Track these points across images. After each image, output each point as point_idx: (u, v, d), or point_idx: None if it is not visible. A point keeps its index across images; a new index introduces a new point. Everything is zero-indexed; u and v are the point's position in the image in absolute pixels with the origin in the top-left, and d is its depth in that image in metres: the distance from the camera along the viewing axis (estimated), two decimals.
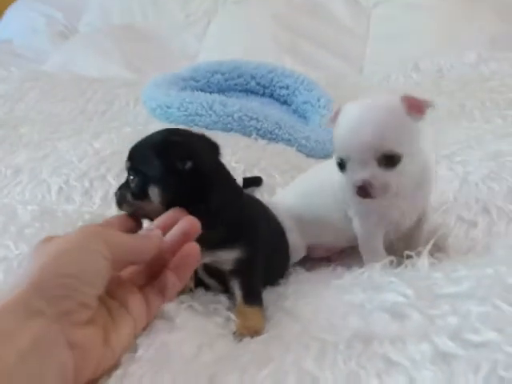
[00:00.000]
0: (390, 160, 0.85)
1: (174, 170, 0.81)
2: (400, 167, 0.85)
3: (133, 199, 0.85)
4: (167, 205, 0.82)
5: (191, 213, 0.80)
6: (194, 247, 0.75)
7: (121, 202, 0.87)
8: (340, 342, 0.64)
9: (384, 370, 0.59)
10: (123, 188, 0.87)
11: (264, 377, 0.62)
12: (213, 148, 0.89)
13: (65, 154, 1.37)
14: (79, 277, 0.63)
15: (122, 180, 1.21)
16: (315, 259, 1.08)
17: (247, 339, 0.76)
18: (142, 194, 0.83)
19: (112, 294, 0.71)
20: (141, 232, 0.80)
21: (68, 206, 1.18)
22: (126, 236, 0.74)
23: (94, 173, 1.27)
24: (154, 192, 0.82)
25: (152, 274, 0.77)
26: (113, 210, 1.16)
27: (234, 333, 0.79)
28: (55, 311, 0.60)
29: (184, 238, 0.76)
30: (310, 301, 0.81)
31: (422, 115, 0.87)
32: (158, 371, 0.65)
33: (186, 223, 0.77)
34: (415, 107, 0.86)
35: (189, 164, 0.80)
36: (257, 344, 0.72)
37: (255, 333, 0.78)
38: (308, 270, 1.05)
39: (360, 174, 0.87)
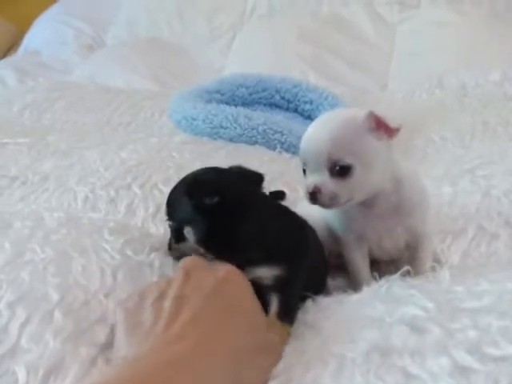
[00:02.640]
0: (341, 170, 0.86)
1: (202, 208, 0.83)
2: (353, 179, 0.86)
3: (174, 243, 0.91)
4: (203, 243, 0.85)
5: (226, 242, 0.84)
6: None
7: (168, 247, 0.94)
8: (358, 355, 0.65)
9: (403, 383, 0.59)
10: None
11: None
12: (249, 179, 0.92)
13: (91, 163, 1.39)
14: None
15: (148, 190, 1.24)
16: (333, 267, 1.08)
17: None
18: (179, 236, 0.89)
19: None
20: None
21: (94, 214, 1.19)
22: None
23: (120, 182, 1.28)
24: (188, 232, 0.86)
25: None
26: (138, 219, 1.18)
27: None
28: None
29: None
30: (329, 314, 0.81)
31: (388, 137, 0.88)
32: None
33: None
34: (381, 127, 0.87)
35: (216, 199, 0.82)
36: (281, 364, 0.72)
37: None
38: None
39: (311, 180, 0.89)
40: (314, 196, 0.88)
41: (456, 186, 1.23)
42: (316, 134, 0.90)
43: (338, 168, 0.86)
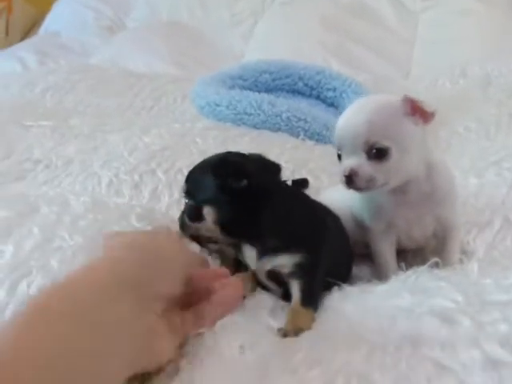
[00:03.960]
0: (377, 153, 0.86)
1: (228, 189, 0.84)
2: (389, 163, 0.87)
3: (189, 221, 0.90)
4: (221, 225, 0.86)
5: (246, 227, 0.84)
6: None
7: (181, 225, 0.92)
8: (389, 344, 0.64)
9: (434, 374, 0.59)
10: (184, 211, 0.92)
11: (314, 377, 0.63)
12: (269, 168, 0.92)
13: (115, 147, 1.39)
14: (158, 270, 0.66)
15: (172, 175, 1.24)
16: (358, 256, 1.08)
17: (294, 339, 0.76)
18: (197, 215, 0.88)
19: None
20: None
21: (117, 199, 1.19)
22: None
23: (144, 167, 1.28)
24: (208, 212, 0.86)
25: (190, 303, 0.77)
26: (162, 204, 1.18)
27: (280, 329, 0.79)
28: (135, 297, 0.63)
29: None
30: (356, 302, 0.80)
31: (423, 122, 0.89)
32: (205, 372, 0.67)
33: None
34: (417, 111, 0.87)
35: (244, 182, 0.83)
36: (306, 343, 0.73)
37: (300, 331, 0.78)
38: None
39: (348, 163, 0.89)
40: (351, 179, 0.88)
41: (482, 178, 1.22)
42: (353, 117, 0.90)
43: (374, 151, 0.86)
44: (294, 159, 1.35)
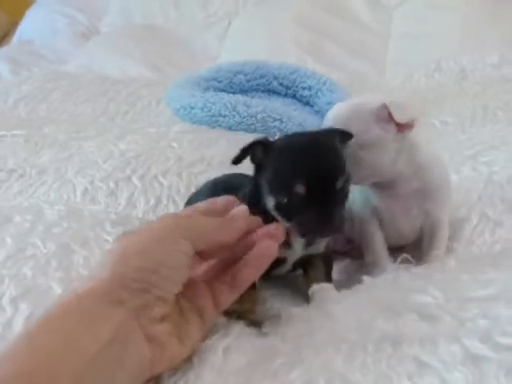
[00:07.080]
0: None
1: None
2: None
3: (339, 209, 0.79)
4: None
5: None
6: (272, 244, 0.75)
7: (342, 224, 0.79)
8: (369, 344, 0.64)
9: (415, 372, 0.58)
10: (328, 210, 0.77)
11: (294, 378, 0.62)
12: None
13: (90, 154, 1.38)
14: (159, 272, 0.64)
15: (148, 181, 1.23)
16: (337, 253, 1.07)
17: (277, 341, 0.75)
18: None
19: (184, 294, 0.71)
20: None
21: (93, 206, 1.18)
22: (209, 220, 0.74)
23: (120, 174, 1.27)
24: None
25: (224, 269, 0.77)
26: (138, 211, 1.17)
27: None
28: (134, 304, 0.61)
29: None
30: (338, 299, 0.80)
31: (398, 130, 0.88)
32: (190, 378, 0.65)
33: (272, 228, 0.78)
34: (393, 120, 0.87)
35: None
36: (288, 345, 0.72)
37: None
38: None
39: None
40: None
41: (459, 174, 1.22)
42: (327, 119, 0.91)
43: None
44: None
